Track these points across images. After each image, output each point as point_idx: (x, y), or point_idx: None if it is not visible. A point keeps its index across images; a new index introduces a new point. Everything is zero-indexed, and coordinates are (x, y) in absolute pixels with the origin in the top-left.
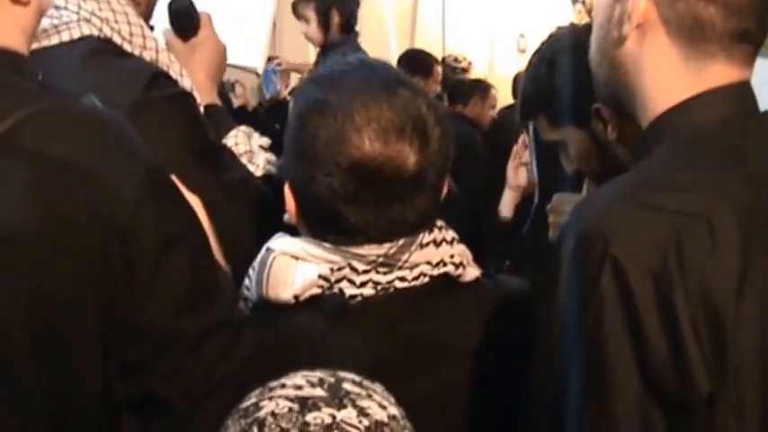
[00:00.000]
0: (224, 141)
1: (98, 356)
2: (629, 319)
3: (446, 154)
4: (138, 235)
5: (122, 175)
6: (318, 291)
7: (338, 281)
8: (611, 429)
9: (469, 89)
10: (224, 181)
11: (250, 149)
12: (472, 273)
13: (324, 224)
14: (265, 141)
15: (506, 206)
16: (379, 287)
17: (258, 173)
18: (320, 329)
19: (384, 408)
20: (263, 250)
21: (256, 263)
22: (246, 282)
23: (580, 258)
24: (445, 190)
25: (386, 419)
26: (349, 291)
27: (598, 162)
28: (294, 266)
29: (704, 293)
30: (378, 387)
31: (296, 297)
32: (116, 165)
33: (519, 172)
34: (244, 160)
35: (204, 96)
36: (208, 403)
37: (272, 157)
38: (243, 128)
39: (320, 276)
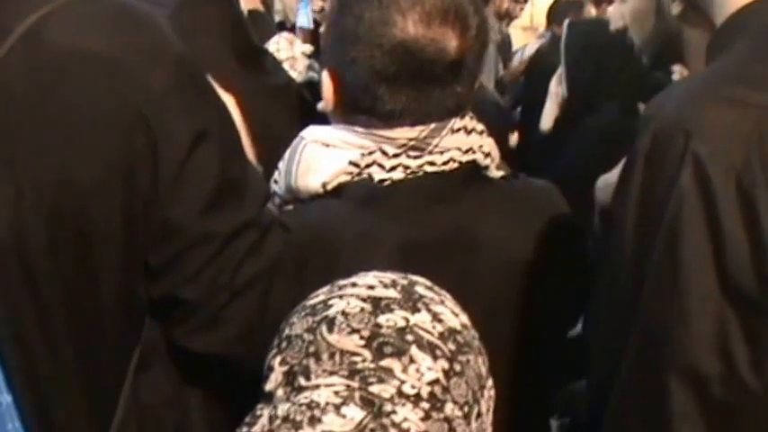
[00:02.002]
0: (266, 47)
1: (121, 256)
2: (710, 218)
3: (484, 42)
4: (167, 128)
5: (151, 67)
6: (347, 178)
7: (368, 166)
8: (683, 328)
9: None
10: (266, 83)
11: (292, 56)
12: (499, 172)
13: (360, 109)
14: (308, 48)
15: (547, 118)
16: (409, 171)
17: (299, 79)
18: (349, 215)
19: (456, 315)
20: (295, 139)
21: (287, 153)
22: (276, 174)
23: (658, 155)
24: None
25: (458, 327)
26: (378, 175)
27: (649, 29)
28: (325, 153)
29: None
30: (448, 295)
31: (324, 186)
32: (145, 56)
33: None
34: (285, 66)
35: (248, 1)
36: (234, 304)
37: (314, 63)
38: (285, 34)
39: (350, 162)
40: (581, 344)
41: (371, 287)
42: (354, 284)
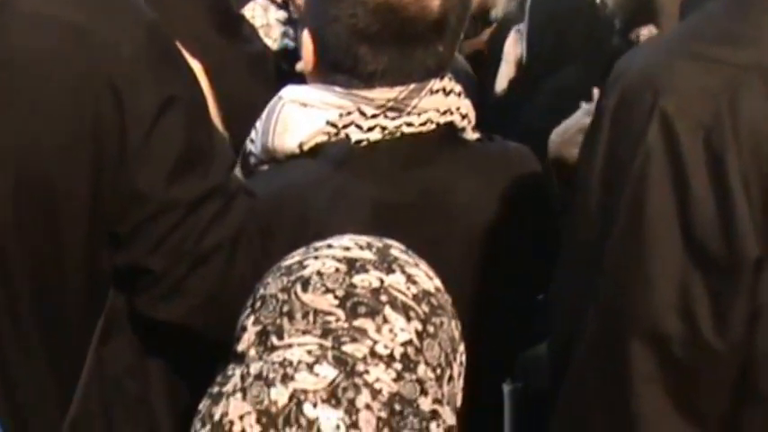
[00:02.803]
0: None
1: (86, 225)
2: (676, 175)
3: (466, 2)
4: (134, 94)
5: (120, 35)
6: (324, 138)
7: (345, 126)
8: (646, 288)
9: None
10: (242, 51)
11: (267, 23)
12: (475, 134)
13: (340, 69)
14: (282, 15)
15: (502, 80)
16: (386, 132)
17: (274, 47)
18: (325, 175)
19: (431, 278)
20: (273, 99)
21: (264, 112)
22: (252, 134)
23: (625, 112)
24: None
25: (432, 290)
26: (355, 136)
27: None
28: (302, 113)
29: (758, 152)
30: (421, 259)
31: (301, 146)
32: (114, 23)
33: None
34: (260, 34)
35: None
36: (198, 273)
37: (289, 30)
38: (260, 1)
39: (328, 123)
40: (540, 308)
41: (347, 248)
42: (330, 246)
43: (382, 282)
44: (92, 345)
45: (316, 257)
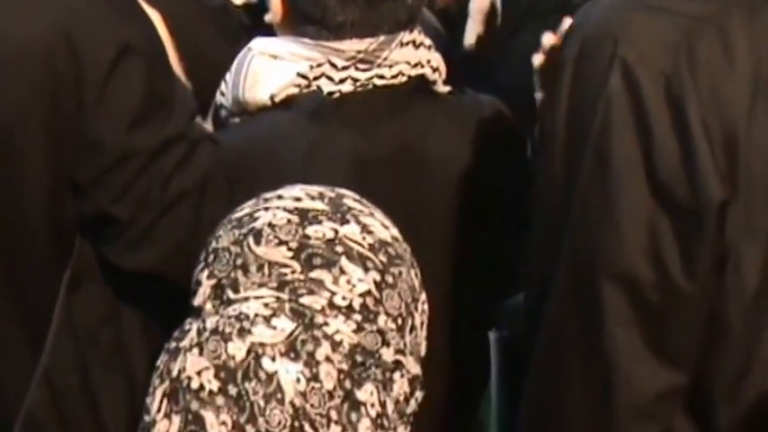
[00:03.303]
0: None
1: (48, 175)
2: (639, 122)
3: None
4: (89, 43)
5: None
6: (296, 90)
7: (316, 78)
8: (615, 234)
9: None
10: (204, 4)
11: None
12: (446, 87)
13: (309, 20)
14: None
15: (470, 35)
16: (358, 84)
17: (237, 1)
18: (297, 127)
19: (386, 228)
20: (242, 51)
21: (234, 65)
22: (222, 87)
23: (586, 62)
24: None
25: (389, 239)
26: (327, 87)
27: None
28: (272, 65)
29: (716, 97)
30: (376, 208)
31: (272, 98)
32: None
33: None
34: None
35: None
36: (165, 221)
37: None
38: None
39: (298, 74)
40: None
41: (298, 199)
42: (280, 197)
43: (337, 232)
44: (60, 295)
45: (266, 209)
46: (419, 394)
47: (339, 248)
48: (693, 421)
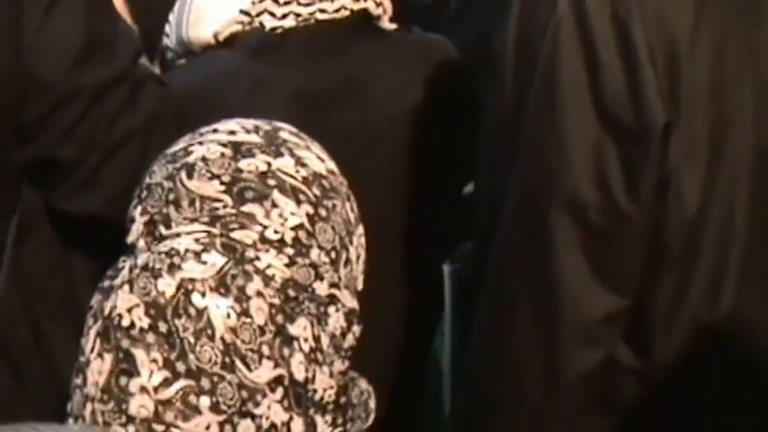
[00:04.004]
0: None
1: None
2: (585, 46)
3: None
4: None
5: None
6: (239, 27)
7: (259, 14)
8: (561, 158)
9: None
10: None
11: None
12: (392, 25)
13: None
14: None
15: None
16: (300, 18)
17: None
18: (241, 65)
19: (322, 160)
20: None
21: (177, 4)
22: (166, 28)
23: None
24: None
25: (324, 172)
26: (269, 23)
27: None
28: (215, 3)
29: (661, 20)
30: (314, 141)
31: (216, 36)
32: None
33: None
34: None
35: None
36: (110, 163)
37: None
38: None
39: (241, 11)
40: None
41: (233, 132)
42: (215, 130)
43: (270, 165)
44: (7, 246)
45: (201, 143)
46: (356, 328)
47: (272, 182)
48: (633, 348)
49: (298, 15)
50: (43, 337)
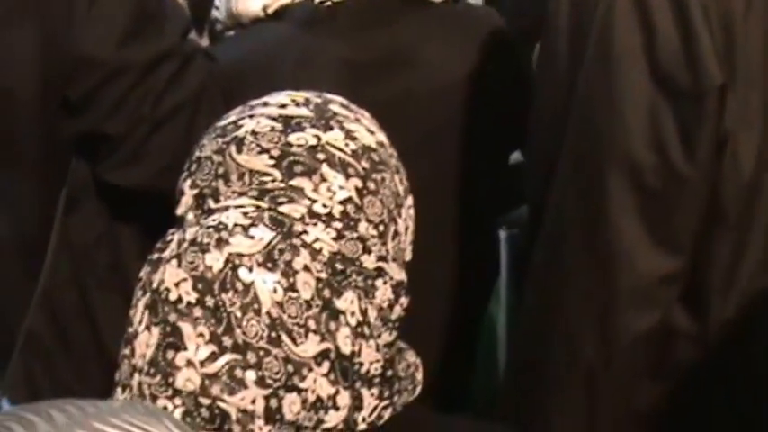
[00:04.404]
0: None
1: (38, 94)
2: (640, 10)
3: None
4: None
5: None
6: (288, 0)
7: None
8: (617, 121)
9: None
10: None
11: None
12: None
13: None
14: None
15: None
16: None
17: None
18: (290, 37)
19: (372, 133)
20: None
21: None
22: (216, 1)
23: None
24: None
25: (374, 145)
26: None
27: None
28: None
29: None
30: (365, 113)
31: (265, 9)
32: None
33: None
34: None
35: None
36: (157, 136)
37: None
38: None
39: None
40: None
41: (283, 106)
42: (266, 104)
43: (319, 139)
44: (57, 216)
45: (251, 116)
46: (404, 300)
47: (321, 155)
48: (689, 310)
49: None
50: (90, 305)
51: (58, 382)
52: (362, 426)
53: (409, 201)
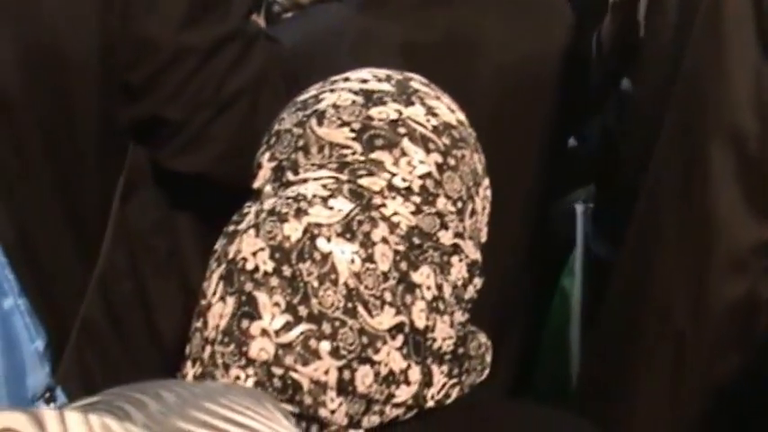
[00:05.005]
0: None
1: (97, 78)
2: None
3: None
4: None
5: None
6: None
7: None
8: (723, 85)
9: None
10: None
11: None
12: None
13: None
14: None
15: None
16: None
17: None
18: (349, 18)
19: (452, 111)
20: None
21: None
22: None
23: None
24: None
25: (454, 122)
26: None
27: None
28: None
29: None
30: (444, 93)
31: None
32: None
33: None
34: None
35: None
36: (219, 121)
37: None
38: None
39: None
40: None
41: (364, 81)
42: (347, 79)
43: (400, 114)
44: (114, 202)
45: (332, 90)
46: (478, 280)
47: (402, 130)
48: None
49: None
50: (146, 293)
51: (112, 370)
52: (431, 403)
53: (486, 181)
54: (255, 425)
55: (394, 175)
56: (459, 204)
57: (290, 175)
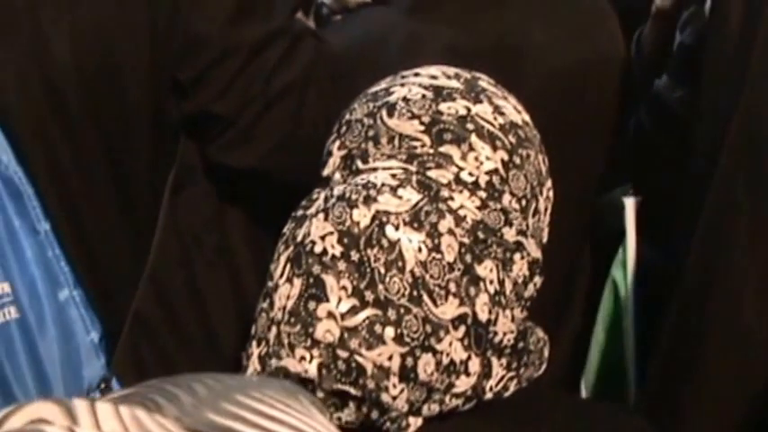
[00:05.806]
0: None
1: (148, 75)
2: None
3: None
4: None
5: None
6: None
7: None
8: None
9: None
10: None
11: None
12: None
13: None
14: None
15: None
16: None
17: None
18: (396, 22)
19: (519, 112)
20: None
21: None
22: None
23: None
24: None
25: (520, 122)
26: None
27: None
28: None
29: None
30: (511, 95)
31: None
32: None
33: None
34: None
35: None
36: (267, 117)
37: None
38: None
39: None
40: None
41: (434, 77)
42: (417, 74)
43: (469, 110)
44: (164, 198)
45: (402, 84)
46: (538, 279)
47: (470, 126)
48: None
49: None
50: (197, 287)
51: (165, 363)
52: (489, 395)
53: (549, 182)
54: (289, 419)
55: (461, 169)
56: (524, 202)
57: (359, 164)
